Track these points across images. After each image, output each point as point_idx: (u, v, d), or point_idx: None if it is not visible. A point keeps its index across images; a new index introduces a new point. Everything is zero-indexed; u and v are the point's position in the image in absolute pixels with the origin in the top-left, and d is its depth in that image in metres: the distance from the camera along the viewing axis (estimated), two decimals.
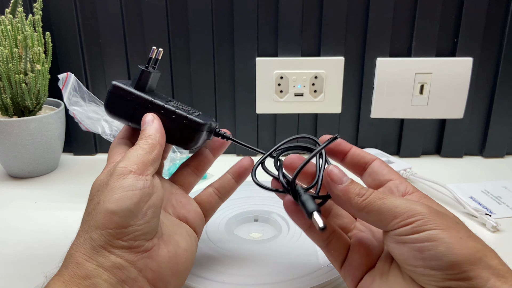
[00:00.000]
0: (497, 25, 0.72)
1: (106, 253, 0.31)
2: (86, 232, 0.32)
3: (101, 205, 0.31)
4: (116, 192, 0.32)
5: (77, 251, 0.31)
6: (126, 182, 0.32)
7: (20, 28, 0.67)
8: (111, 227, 0.31)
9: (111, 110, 0.41)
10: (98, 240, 0.31)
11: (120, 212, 0.31)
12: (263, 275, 0.44)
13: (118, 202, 0.31)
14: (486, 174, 0.74)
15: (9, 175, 0.74)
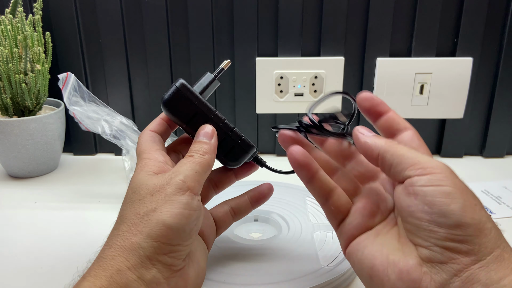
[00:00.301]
0: (497, 25, 0.72)
1: (150, 265, 0.30)
2: (135, 235, 0.30)
3: (158, 215, 0.31)
4: (175, 206, 0.31)
5: (120, 254, 0.30)
6: (184, 199, 0.32)
7: (20, 28, 0.67)
8: (164, 241, 0.30)
9: (170, 107, 0.39)
10: (147, 250, 0.30)
11: (175, 228, 0.31)
12: (263, 275, 0.44)
13: (177, 218, 0.31)
14: (486, 174, 0.74)
15: (9, 175, 0.74)
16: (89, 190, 0.68)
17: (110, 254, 0.30)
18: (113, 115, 0.63)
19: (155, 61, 0.76)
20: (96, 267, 0.30)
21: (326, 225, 0.53)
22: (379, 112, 0.38)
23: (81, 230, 0.58)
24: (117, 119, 0.63)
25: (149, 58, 0.76)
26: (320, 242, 0.49)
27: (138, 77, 0.78)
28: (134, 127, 0.65)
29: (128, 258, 0.29)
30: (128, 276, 0.29)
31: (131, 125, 0.64)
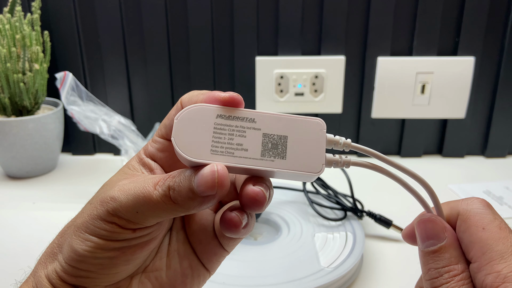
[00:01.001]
0: (499, 24, 0.72)
1: (62, 283, 0.27)
2: (57, 246, 0.29)
3: (71, 236, 0.27)
4: (89, 231, 0.26)
5: (44, 261, 0.29)
6: (102, 230, 0.26)
7: (18, 27, 0.67)
8: (72, 264, 0.27)
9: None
10: (58, 267, 0.28)
11: (83, 256, 0.26)
12: (263, 277, 0.43)
13: (85, 246, 0.26)
14: (488, 174, 0.73)
15: (7, 175, 0.73)
16: (88, 190, 0.68)
17: (40, 258, 0.29)
18: (111, 114, 0.63)
19: (155, 60, 0.76)
20: (32, 272, 0.29)
21: (326, 227, 0.53)
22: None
23: None
24: (115, 119, 0.62)
25: (148, 58, 0.76)
26: (320, 244, 0.49)
27: (137, 77, 0.77)
28: (133, 127, 0.64)
29: (47, 266, 0.28)
30: (45, 284, 0.27)
31: (129, 125, 0.64)
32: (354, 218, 0.55)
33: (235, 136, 0.24)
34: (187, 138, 0.24)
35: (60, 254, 0.27)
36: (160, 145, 0.28)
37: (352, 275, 0.47)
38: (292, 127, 0.25)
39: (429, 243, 0.26)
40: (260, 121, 0.24)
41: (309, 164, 0.25)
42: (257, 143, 0.24)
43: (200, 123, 0.24)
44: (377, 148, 0.79)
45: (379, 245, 0.53)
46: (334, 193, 0.57)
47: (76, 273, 0.26)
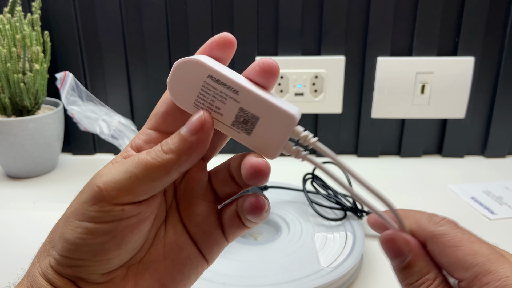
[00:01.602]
0: (499, 24, 0.72)
1: (57, 275, 0.27)
2: (49, 242, 0.28)
3: (62, 226, 0.27)
4: (79, 217, 0.27)
5: (37, 260, 0.28)
6: (92, 211, 0.26)
7: (18, 28, 0.67)
8: (65, 255, 0.27)
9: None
10: (52, 261, 0.28)
11: (74, 243, 0.26)
12: (263, 277, 0.43)
13: (76, 232, 0.27)
14: (487, 174, 0.73)
15: (7, 175, 0.73)
16: None
17: (34, 258, 0.28)
18: (111, 114, 0.63)
19: (155, 60, 0.76)
20: (26, 273, 0.28)
21: (326, 226, 0.53)
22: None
23: None
24: (115, 119, 0.62)
25: (148, 58, 0.76)
26: (320, 244, 0.49)
27: (137, 77, 0.77)
28: (133, 126, 0.64)
29: (40, 263, 0.27)
30: (41, 281, 0.26)
31: (129, 125, 0.64)
32: (354, 218, 0.55)
33: (217, 100, 0.26)
34: (179, 85, 0.26)
35: (52, 249, 0.27)
36: (147, 137, 0.28)
37: (352, 275, 0.47)
38: (267, 112, 0.26)
39: (397, 260, 0.26)
40: (242, 95, 0.26)
41: (267, 148, 0.27)
42: (232, 113, 0.26)
43: (192, 77, 0.26)
44: (377, 148, 0.80)
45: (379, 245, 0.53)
46: (334, 193, 0.58)
47: (70, 263, 0.26)
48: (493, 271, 0.23)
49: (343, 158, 0.80)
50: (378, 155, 0.80)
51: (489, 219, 0.59)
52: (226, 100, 0.26)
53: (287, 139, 0.27)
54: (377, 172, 0.74)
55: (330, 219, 0.54)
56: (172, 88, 0.27)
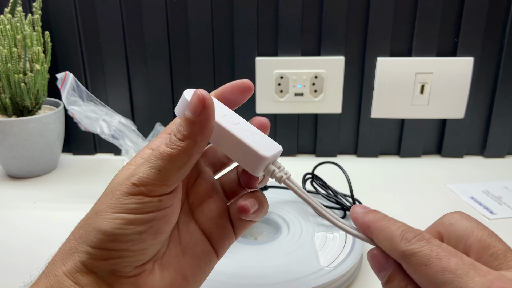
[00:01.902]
0: (498, 25, 0.72)
1: (86, 270, 0.28)
2: (75, 239, 0.29)
3: (97, 220, 0.28)
4: (117, 210, 0.28)
5: (59, 259, 0.28)
6: (131, 203, 0.28)
7: (19, 28, 0.67)
8: (101, 247, 0.28)
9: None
10: (82, 256, 0.27)
11: (113, 234, 0.27)
12: (263, 276, 0.44)
13: (115, 223, 0.28)
14: (487, 174, 0.73)
15: (8, 175, 0.73)
16: (88, 190, 0.68)
17: (53, 258, 0.28)
18: (111, 114, 0.63)
19: (155, 60, 0.76)
20: (42, 274, 0.29)
21: (326, 226, 0.53)
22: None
23: None
24: (115, 119, 0.62)
25: (148, 58, 0.76)
26: (320, 243, 0.49)
27: (137, 77, 0.77)
28: (133, 126, 0.65)
29: (65, 263, 0.27)
30: (64, 281, 0.27)
31: (129, 125, 0.64)
32: None
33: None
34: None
35: (83, 245, 0.27)
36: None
37: (352, 275, 0.47)
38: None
39: (382, 275, 0.27)
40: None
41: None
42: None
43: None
44: (377, 148, 0.80)
45: None
46: (334, 193, 0.58)
47: (106, 255, 0.27)
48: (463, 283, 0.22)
49: (343, 158, 0.80)
50: (377, 155, 0.80)
51: (488, 219, 0.59)
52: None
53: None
54: (376, 172, 0.75)
55: None
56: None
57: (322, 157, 0.80)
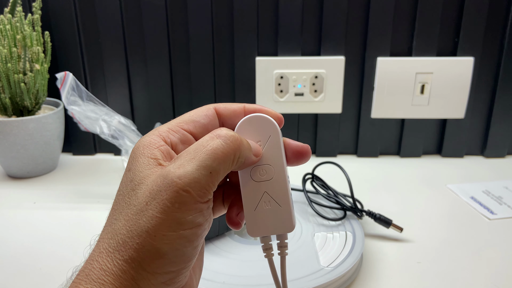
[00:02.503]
0: (498, 25, 0.72)
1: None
2: (125, 261, 0.25)
3: (151, 240, 0.25)
4: (173, 227, 0.25)
5: (110, 281, 0.25)
6: (188, 217, 0.25)
7: (19, 28, 0.67)
8: (160, 271, 0.26)
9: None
10: (140, 280, 0.26)
11: (174, 256, 0.25)
12: (263, 276, 0.44)
13: (175, 244, 0.26)
14: (487, 174, 0.73)
15: (8, 175, 0.73)
16: (88, 190, 0.68)
17: (97, 277, 0.24)
18: (111, 114, 0.63)
19: (155, 60, 0.76)
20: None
21: (326, 226, 0.53)
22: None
23: (80, 230, 0.57)
24: (115, 119, 0.62)
25: (148, 58, 0.76)
26: (320, 243, 0.49)
27: (137, 77, 0.77)
28: (133, 126, 0.64)
29: (117, 285, 0.24)
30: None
31: (129, 125, 0.64)
32: (354, 217, 0.55)
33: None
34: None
35: (140, 272, 0.24)
36: (183, 137, 0.28)
37: (352, 275, 0.47)
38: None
39: None
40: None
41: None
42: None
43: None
44: (377, 148, 0.80)
45: (379, 245, 0.54)
46: (334, 193, 0.58)
47: (164, 278, 0.25)
48: None
49: (343, 158, 0.80)
50: (378, 155, 0.80)
51: (488, 219, 0.59)
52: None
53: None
54: (377, 172, 0.75)
55: (330, 219, 0.54)
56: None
57: (322, 157, 0.80)
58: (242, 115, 0.29)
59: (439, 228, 0.58)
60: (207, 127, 0.29)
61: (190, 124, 0.28)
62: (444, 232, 0.57)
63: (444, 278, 0.48)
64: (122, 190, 0.27)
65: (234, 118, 0.29)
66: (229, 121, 0.30)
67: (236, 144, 0.26)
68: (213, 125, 0.29)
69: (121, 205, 0.26)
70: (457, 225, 0.58)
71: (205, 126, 0.29)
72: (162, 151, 0.26)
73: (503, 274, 0.48)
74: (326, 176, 0.61)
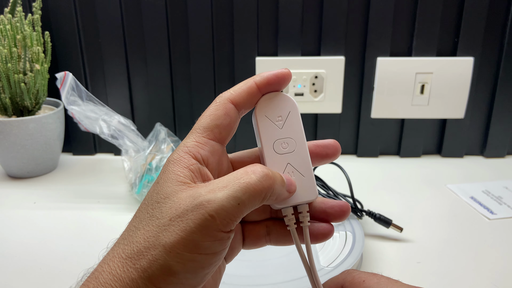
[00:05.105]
0: (498, 25, 0.72)
1: None
2: (136, 270, 0.25)
3: (165, 257, 0.25)
4: (190, 249, 0.25)
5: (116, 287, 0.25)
6: (207, 242, 0.25)
7: (19, 28, 0.67)
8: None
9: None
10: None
11: (184, 277, 0.25)
12: (263, 276, 0.44)
13: (188, 265, 0.25)
14: (487, 174, 0.73)
15: (8, 175, 0.73)
16: (88, 190, 0.68)
17: (105, 280, 0.25)
18: (111, 114, 0.63)
19: (155, 60, 0.76)
20: None
21: None
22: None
23: (80, 230, 0.57)
24: (115, 119, 0.62)
25: (148, 58, 0.76)
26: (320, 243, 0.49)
27: (137, 77, 0.77)
28: (132, 126, 0.65)
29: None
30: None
31: (129, 125, 0.64)
32: (354, 217, 0.55)
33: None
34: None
35: (146, 283, 0.24)
36: (211, 148, 0.28)
37: None
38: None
39: None
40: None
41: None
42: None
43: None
44: (377, 148, 0.80)
45: (379, 245, 0.54)
46: (334, 193, 0.58)
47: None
48: None
49: (343, 158, 0.80)
50: (377, 155, 0.80)
51: (488, 219, 0.59)
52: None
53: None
54: (377, 172, 0.75)
55: None
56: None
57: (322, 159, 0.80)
58: (258, 93, 0.29)
59: (439, 228, 0.58)
60: (231, 126, 0.29)
61: (216, 131, 0.28)
62: (444, 232, 0.57)
63: (444, 278, 0.48)
64: (147, 200, 0.27)
65: (252, 100, 0.29)
66: (248, 106, 0.29)
67: (269, 182, 0.26)
68: (236, 120, 0.29)
69: (144, 214, 0.26)
70: (457, 225, 0.58)
71: (229, 125, 0.28)
72: (192, 171, 0.26)
73: (503, 274, 0.48)
74: (326, 176, 0.61)
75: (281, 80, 0.29)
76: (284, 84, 0.30)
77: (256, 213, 0.31)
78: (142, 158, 0.63)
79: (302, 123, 0.30)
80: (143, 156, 0.63)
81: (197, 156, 0.27)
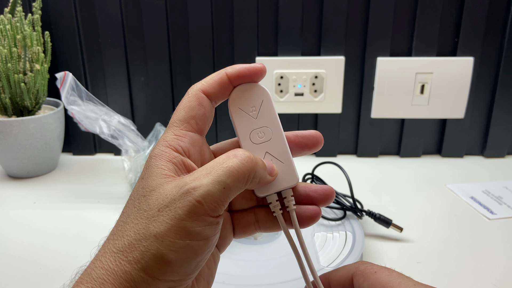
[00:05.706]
0: (498, 25, 0.72)
1: None
2: (128, 263, 0.25)
3: (157, 246, 0.25)
4: (180, 235, 0.25)
5: (110, 281, 0.25)
6: (197, 228, 0.25)
7: (19, 28, 0.67)
8: (161, 277, 0.26)
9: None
10: (139, 284, 0.26)
11: (178, 265, 0.26)
12: (263, 276, 0.44)
13: (181, 253, 0.26)
14: (487, 174, 0.73)
15: (8, 175, 0.73)
16: (88, 190, 0.68)
17: (98, 276, 0.25)
18: (111, 114, 0.63)
19: (155, 60, 0.76)
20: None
21: (326, 226, 0.53)
22: None
23: (80, 230, 0.57)
24: (115, 119, 0.62)
25: (148, 58, 0.76)
26: (320, 243, 0.49)
27: (137, 77, 0.77)
28: (132, 126, 0.65)
29: (117, 285, 0.24)
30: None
31: (129, 125, 0.64)
32: (354, 217, 0.55)
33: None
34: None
35: (139, 273, 0.24)
36: (191, 139, 0.28)
37: None
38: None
39: None
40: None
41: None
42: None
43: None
44: (377, 148, 0.80)
45: (379, 245, 0.54)
46: None
47: (164, 285, 0.25)
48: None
49: (343, 158, 0.80)
50: (377, 155, 0.80)
51: (488, 219, 0.59)
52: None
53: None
54: (376, 172, 0.75)
55: (330, 219, 0.54)
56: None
57: (322, 157, 0.80)
58: (230, 85, 0.30)
59: (439, 228, 0.58)
60: (206, 116, 0.29)
61: (192, 122, 0.29)
62: (444, 232, 0.57)
63: (444, 278, 0.48)
64: (133, 196, 0.27)
65: (223, 91, 0.30)
66: (221, 96, 0.30)
67: (251, 164, 0.26)
68: (210, 110, 0.29)
69: (131, 209, 0.26)
70: (457, 225, 0.58)
71: (205, 115, 0.29)
72: (175, 164, 0.27)
73: (503, 274, 0.48)
74: (326, 176, 0.61)
75: (253, 74, 0.29)
76: (257, 79, 0.30)
77: (243, 201, 0.32)
78: (142, 158, 0.63)
79: (276, 110, 0.31)
80: (143, 156, 0.63)
81: (178, 148, 0.28)
